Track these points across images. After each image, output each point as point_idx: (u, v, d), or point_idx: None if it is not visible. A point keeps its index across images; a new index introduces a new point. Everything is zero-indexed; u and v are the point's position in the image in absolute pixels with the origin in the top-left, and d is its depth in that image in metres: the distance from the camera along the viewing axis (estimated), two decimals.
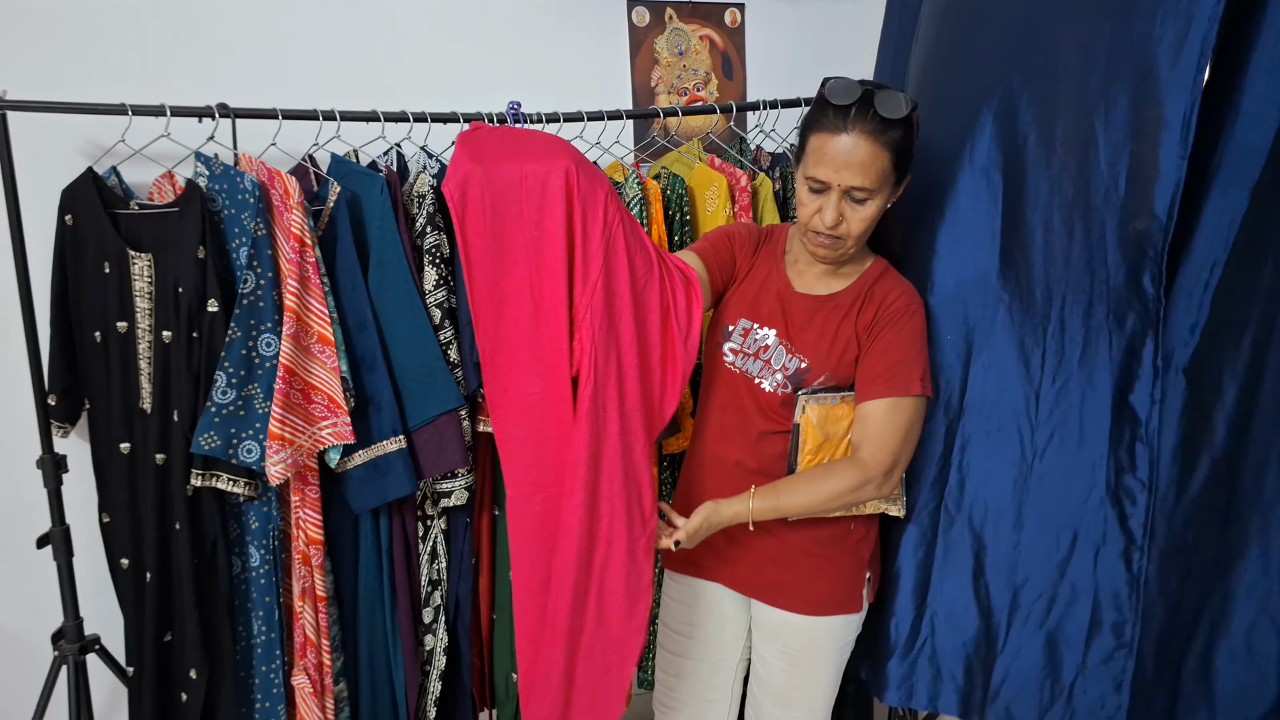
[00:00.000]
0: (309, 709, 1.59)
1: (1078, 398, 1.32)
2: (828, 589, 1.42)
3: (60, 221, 1.54)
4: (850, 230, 1.29)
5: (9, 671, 1.81)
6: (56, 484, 1.58)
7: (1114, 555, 1.31)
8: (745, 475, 1.40)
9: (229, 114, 1.55)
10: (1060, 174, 1.28)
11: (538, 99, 1.80)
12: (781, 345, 1.38)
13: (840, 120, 1.24)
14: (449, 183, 1.24)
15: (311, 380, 1.51)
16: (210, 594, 1.54)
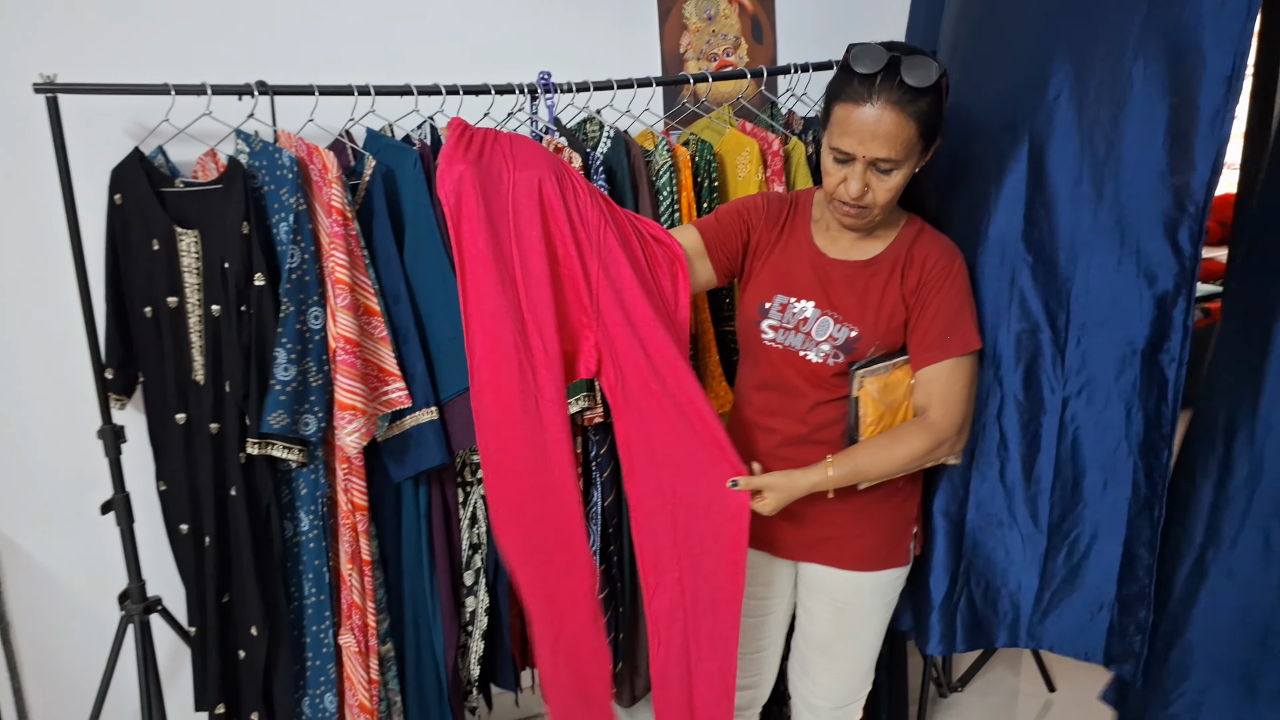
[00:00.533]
0: (354, 668, 1.66)
1: (1103, 356, 1.32)
2: (875, 544, 1.43)
3: (110, 201, 1.60)
4: (876, 200, 1.28)
5: (79, 631, 1.91)
6: (116, 453, 1.66)
7: (1141, 504, 1.34)
8: (796, 445, 1.40)
9: (268, 91, 1.58)
10: (1092, 130, 1.25)
11: (567, 68, 1.80)
12: (825, 316, 1.36)
13: (865, 90, 1.20)
14: (443, 184, 1.23)
15: (365, 352, 1.56)
16: (266, 556, 1.61)
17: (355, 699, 1.67)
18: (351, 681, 1.67)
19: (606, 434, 1.76)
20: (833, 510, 1.41)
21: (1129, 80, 1.20)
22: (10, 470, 1.82)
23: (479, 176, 1.24)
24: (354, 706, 1.68)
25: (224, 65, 1.77)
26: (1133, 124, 1.21)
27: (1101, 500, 1.38)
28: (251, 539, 1.57)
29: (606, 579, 1.80)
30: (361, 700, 1.66)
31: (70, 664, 1.92)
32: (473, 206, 1.24)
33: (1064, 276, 1.32)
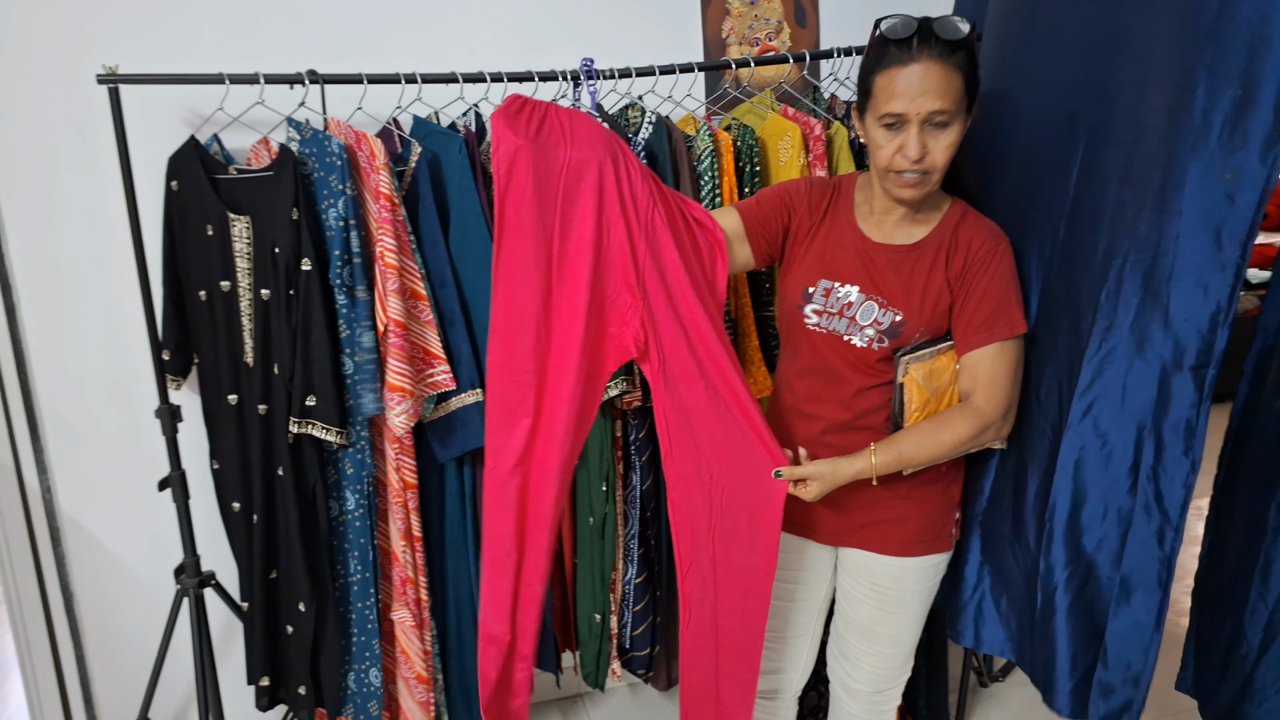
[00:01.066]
0: (410, 641, 1.70)
1: (1124, 366, 1.25)
2: (918, 530, 1.43)
3: (167, 187, 1.65)
4: (935, 161, 1.26)
5: (137, 604, 1.99)
6: (173, 432, 1.71)
7: (1149, 533, 1.26)
8: (840, 432, 1.40)
9: (318, 80, 1.62)
10: (1147, 120, 1.20)
11: (610, 54, 1.80)
12: (870, 300, 1.35)
13: (905, 52, 1.22)
14: (497, 154, 1.24)
15: (412, 336, 1.59)
16: (313, 534, 1.65)
17: (412, 671, 1.71)
18: (407, 654, 1.71)
19: (645, 418, 1.78)
20: (876, 495, 1.40)
21: (1192, 70, 1.15)
22: (73, 449, 1.89)
23: (534, 153, 1.25)
24: (410, 679, 1.72)
25: (275, 54, 1.81)
26: (1189, 115, 1.16)
27: (1104, 527, 1.31)
28: (299, 517, 1.61)
29: (644, 563, 1.82)
30: (419, 672, 1.71)
31: (129, 635, 2.00)
32: (521, 181, 1.25)
33: (1099, 275, 1.27)
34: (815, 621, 1.59)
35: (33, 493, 1.89)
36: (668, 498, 1.42)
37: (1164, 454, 1.24)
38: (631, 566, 1.81)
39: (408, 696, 1.73)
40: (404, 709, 1.75)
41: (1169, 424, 1.23)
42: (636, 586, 1.82)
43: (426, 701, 1.72)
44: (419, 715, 1.72)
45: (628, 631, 1.85)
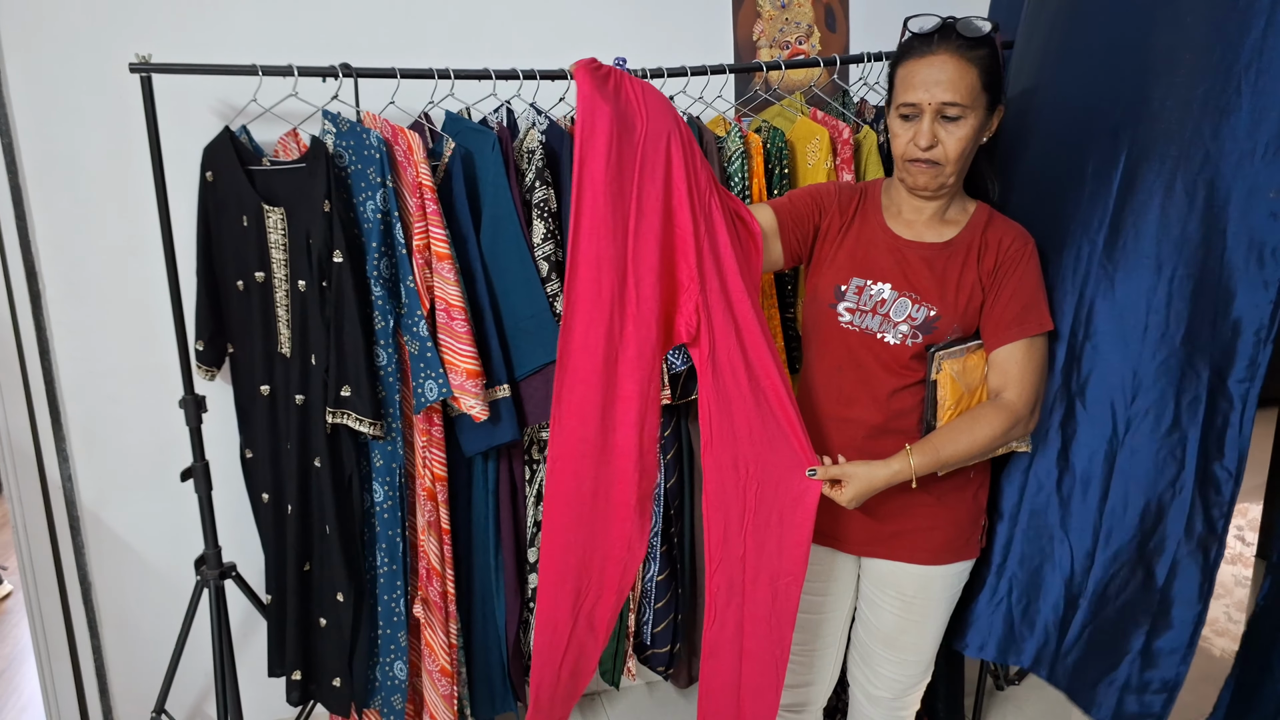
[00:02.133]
0: (435, 634, 1.70)
1: (1176, 375, 1.28)
2: (948, 538, 1.43)
3: (202, 178, 1.65)
4: (947, 153, 1.29)
5: (155, 595, 1.98)
6: (197, 423, 1.71)
7: (1193, 545, 1.28)
8: (875, 435, 1.39)
9: (351, 74, 1.62)
10: (1192, 138, 1.22)
11: (642, 54, 1.81)
12: (904, 297, 1.37)
13: (925, 45, 1.29)
14: (583, 113, 1.20)
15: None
16: (350, 525, 1.65)
17: (436, 664, 1.71)
18: (432, 647, 1.71)
19: (671, 416, 1.78)
20: (905, 503, 1.40)
21: (1238, 90, 1.17)
22: (99, 437, 1.89)
23: (616, 118, 1.23)
24: (434, 672, 1.72)
25: (307, 47, 1.82)
26: (1236, 134, 1.18)
27: (1152, 535, 1.32)
28: (336, 508, 1.61)
29: (667, 560, 1.82)
30: (443, 664, 1.71)
31: (147, 626, 1.99)
32: (602, 146, 1.22)
33: (1148, 287, 1.29)
34: (841, 633, 1.58)
35: (53, 482, 1.89)
36: (704, 489, 1.41)
37: (1210, 466, 1.25)
38: (654, 564, 1.82)
39: (431, 689, 1.73)
40: (428, 702, 1.75)
41: (1214, 436, 1.25)
42: (659, 584, 1.82)
43: (450, 695, 1.72)
44: (442, 708, 1.72)
45: (648, 629, 1.85)
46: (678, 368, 1.69)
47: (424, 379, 1.58)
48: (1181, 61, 1.24)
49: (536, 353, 1.65)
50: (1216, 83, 1.19)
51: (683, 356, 1.69)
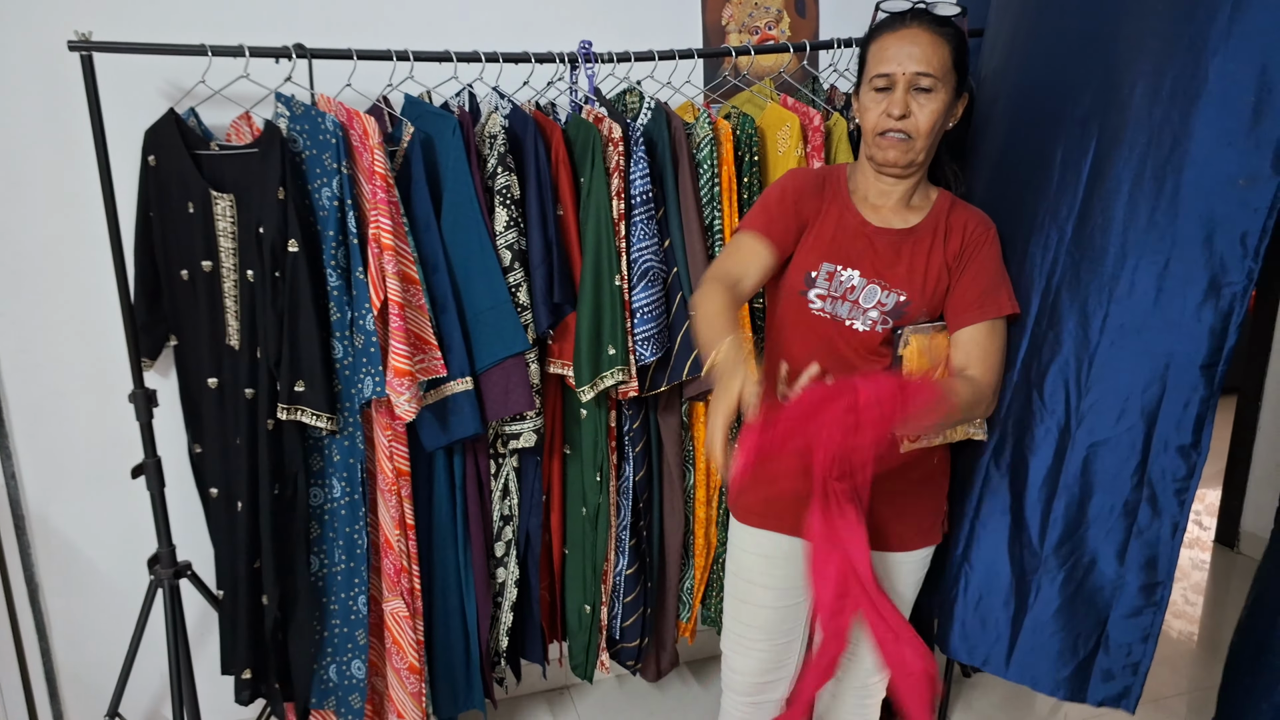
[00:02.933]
0: (402, 631, 1.66)
1: (1136, 360, 1.27)
2: (912, 525, 1.44)
3: (144, 162, 1.58)
4: (919, 125, 1.30)
5: (106, 595, 1.92)
6: (148, 417, 1.65)
7: (1157, 524, 1.30)
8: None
9: (305, 55, 1.56)
10: (1161, 125, 1.21)
11: (609, 38, 1.77)
12: (873, 284, 1.36)
13: (898, 21, 1.31)
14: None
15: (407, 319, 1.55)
16: (287, 524, 1.60)
17: (404, 661, 1.67)
18: (400, 645, 1.67)
19: (640, 408, 1.75)
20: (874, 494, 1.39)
21: (1206, 76, 1.16)
22: (43, 433, 1.81)
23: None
24: (402, 670, 1.68)
25: (260, 27, 1.75)
26: (1205, 122, 1.17)
27: (1111, 524, 1.33)
28: (271, 507, 1.56)
29: (636, 554, 1.80)
30: (411, 662, 1.67)
31: (99, 627, 1.93)
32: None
33: (1111, 275, 1.29)
34: (806, 623, 1.58)
35: None
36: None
37: (1172, 449, 1.26)
38: (623, 558, 1.79)
39: (399, 688, 1.70)
40: (394, 700, 1.71)
41: (1179, 420, 1.25)
42: (628, 578, 1.80)
43: (419, 693, 1.68)
44: (411, 706, 1.68)
45: (618, 623, 1.83)
46: (646, 359, 1.66)
47: (364, 375, 1.53)
48: (1149, 48, 1.23)
49: (496, 346, 1.61)
50: (1185, 69, 1.18)
51: (651, 349, 1.66)
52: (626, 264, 1.66)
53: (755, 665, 1.56)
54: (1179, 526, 1.27)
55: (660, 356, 1.67)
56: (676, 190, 1.69)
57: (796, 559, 1.50)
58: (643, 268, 1.66)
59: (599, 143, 1.61)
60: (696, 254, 1.70)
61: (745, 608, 1.55)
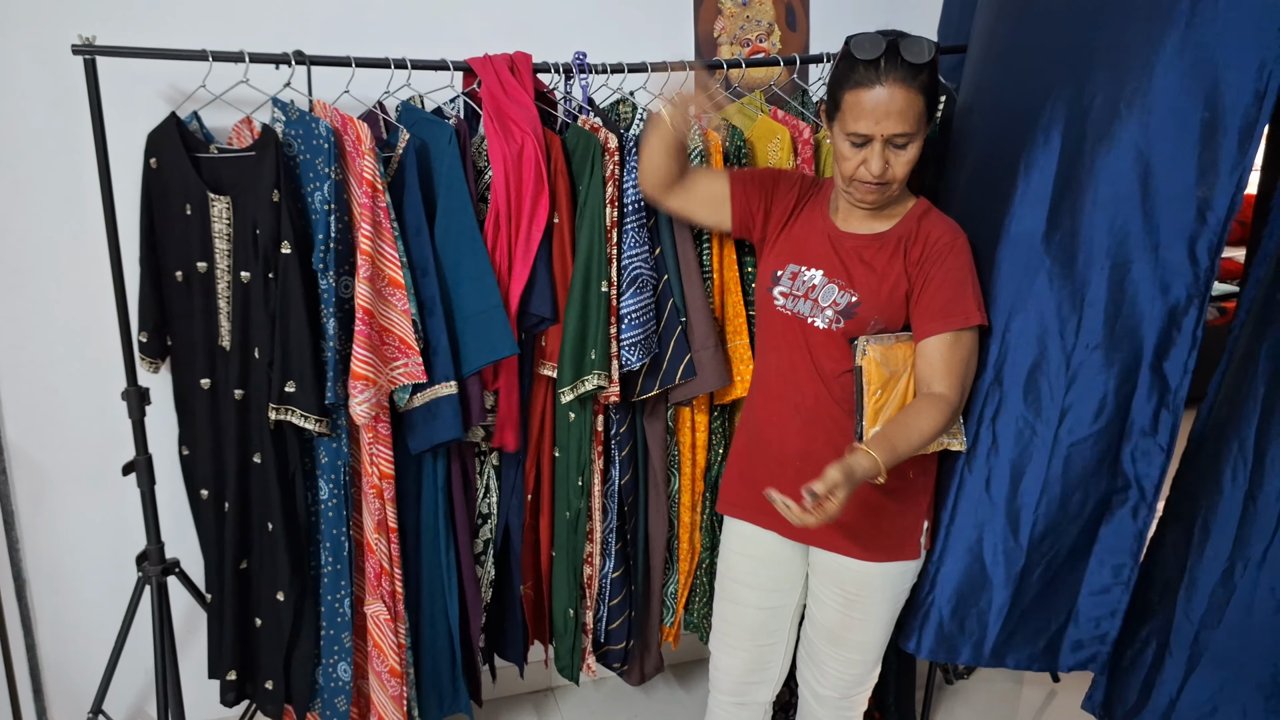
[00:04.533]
0: (383, 634, 1.67)
1: (1107, 364, 1.32)
2: (886, 536, 1.45)
3: (146, 164, 1.60)
4: (895, 174, 1.34)
5: (94, 592, 1.93)
6: (140, 415, 1.66)
7: (1125, 511, 1.37)
8: (809, 419, 1.43)
9: (305, 61, 1.59)
10: (1122, 136, 1.26)
11: (602, 49, 1.80)
12: (831, 283, 1.41)
13: (872, 73, 1.28)
14: None
15: (384, 322, 1.57)
16: (294, 522, 1.62)
17: (385, 664, 1.68)
18: (380, 648, 1.68)
19: (626, 411, 1.78)
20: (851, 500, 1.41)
21: (1161, 90, 1.21)
22: (40, 428, 1.83)
23: None
24: (383, 673, 1.69)
25: (260, 33, 1.77)
26: (1162, 134, 1.22)
27: (1087, 515, 1.38)
28: (281, 504, 1.58)
29: (621, 557, 1.82)
30: (392, 665, 1.68)
31: (86, 623, 1.94)
32: None
33: (1081, 280, 1.33)
34: (791, 628, 1.60)
35: None
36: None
37: (1142, 440, 1.32)
38: (609, 560, 1.81)
39: (380, 690, 1.71)
40: (375, 703, 1.73)
41: (1148, 413, 1.31)
42: (614, 581, 1.81)
43: (399, 695, 1.69)
44: (392, 709, 1.70)
45: (603, 625, 1.85)
46: (632, 365, 1.69)
47: (331, 379, 1.55)
48: (1109, 61, 1.27)
49: (482, 350, 1.63)
50: (1143, 82, 1.22)
51: (638, 354, 1.68)
52: (617, 270, 1.68)
53: (739, 665, 1.59)
54: (1149, 510, 1.34)
55: (648, 362, 1.70)
56: None
57: (782, 561, 1.54)
58: (633, 274, 1.69)
59: (599, 152, 1.64)
60: (688, 261, 1.73)
61: (731, 607, 1.59)
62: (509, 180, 1.61)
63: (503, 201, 1.62)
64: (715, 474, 1.86)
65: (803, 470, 1.39)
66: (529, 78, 1.68)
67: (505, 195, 1.62)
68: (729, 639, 1.60)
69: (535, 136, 1.60)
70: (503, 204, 1.62)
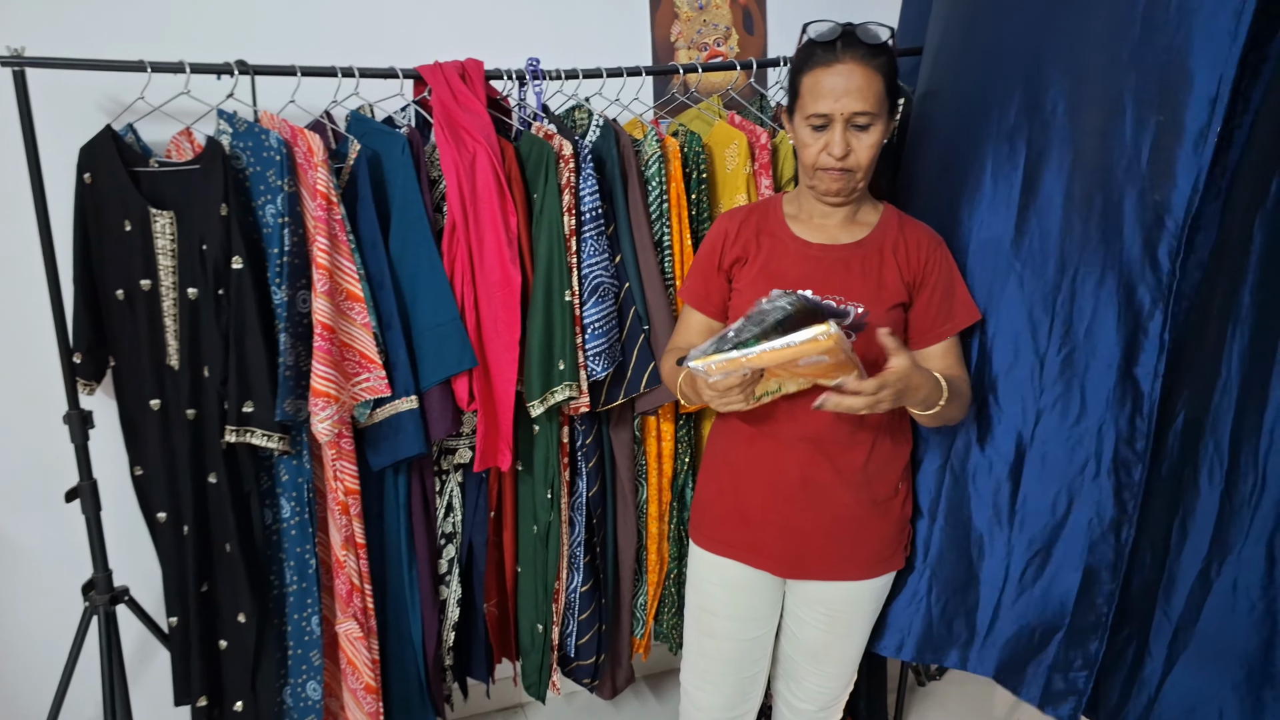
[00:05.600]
0: (356, 651, 1.63)
1: (1082, 368, 1.32)
2: (875, 551, 1.43)
3: (79, 180, 1.54)
4: (859, 160, 1.31)
5: (42, 622, 1.85)
6: (83, 439, 1.60)
7: (1105, 526, 1.34)
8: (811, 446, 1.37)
9: (248, 71, 1.54)
10: (1084, 142, 1.26)
11: (556, 55, 1.78)
12: (827, 300, 1.34)
13: (830, 54, 1.28)
14: None
15: (344, 337, 1.53)
16: (251, 543, 1.57)
17: (360, 681, 1.64)
18: (355, 665, 1.64)
19: (593, 423, 1.75)
20: (831, 525, 1.39)
21: (1119, 95, 1.21)
22: None
23: None
24: (358, 690, 1.65)
25: (201, 42, 1.72)
26: (1120, 139, 1.22)
27: (1065, 521, 1.37)
28: (237, 525, 1.53)
29: (590, 570, 1.79)
30: (367, 682, 1.64)
31: (32, 657, 1.86)
32: None
33: (1052, 285, 1.33)
34: (769, 652, 1.55)
35: None
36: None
37: (1120, 451, 1.30)
38: (577, 574, 1.78)
39: (355, 709, 1.67)
40: None
41: (1123, 422, 1.30)
42: (582, 595, 1.79)
43: (375, 712, 1.66)
44: None
45: (572, 640, 1.82)
46: (597, 375, 1.66)
47: (280, 395, 1.51)
48: (1067, 67, 1.28)
49: (440, 364, 1.59)
50: (1100, 88, 1.22)
51: (603, 364, 1.66)
52: (577, 279, 1.66)
53: (720, 700, 1.52)
54: (1130, 525, 1.31)
55: (612, 372, 1.67)
56: (626, 206, 1.70)
57: (760, 589, 1.48)
58: (594, 283, 1.66)
59: (552, 159, 1.62)
60: (649, 268, 1.71)
61: (708, 640, 1.51)
62: (463, 190, 1.58)
63: (459, 212, 1.59)
64: (681, 483, 1.84)
65: (804, 498, 1.37)
66: (481, 85, 1.65)
67: (461, 206, 1.59)
68: (708, 674, 1.52)
69: (488, 145, 1.57)
70: (459, 215, 1.59)
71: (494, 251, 1.61)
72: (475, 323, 1.63)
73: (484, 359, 1.64)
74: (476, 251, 1.62)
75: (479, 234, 1.61)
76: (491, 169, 1.58)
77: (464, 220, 1.60)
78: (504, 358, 1.63)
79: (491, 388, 1.65)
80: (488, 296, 1.63)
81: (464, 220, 1.60)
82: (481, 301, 1.63)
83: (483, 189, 1.58)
